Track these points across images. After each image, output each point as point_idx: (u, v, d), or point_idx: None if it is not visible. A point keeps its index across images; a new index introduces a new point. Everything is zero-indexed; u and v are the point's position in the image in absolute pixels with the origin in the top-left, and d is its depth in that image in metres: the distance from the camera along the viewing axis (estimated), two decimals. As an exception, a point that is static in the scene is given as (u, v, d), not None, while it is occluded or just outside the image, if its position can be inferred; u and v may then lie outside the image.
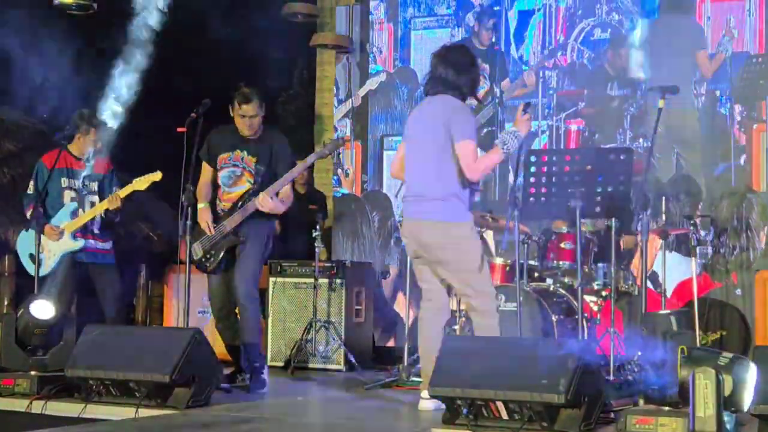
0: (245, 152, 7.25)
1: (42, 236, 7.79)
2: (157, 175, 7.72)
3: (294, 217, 8.74)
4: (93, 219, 7.91)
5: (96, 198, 7.93)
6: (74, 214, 7.88)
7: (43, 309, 6.99)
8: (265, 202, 7.14)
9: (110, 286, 7.99)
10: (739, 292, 7.78)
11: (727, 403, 5.05)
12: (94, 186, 7.96)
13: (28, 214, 7.79)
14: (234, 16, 9.80)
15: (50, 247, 7.85)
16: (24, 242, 7.96)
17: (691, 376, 5.00)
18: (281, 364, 8.82)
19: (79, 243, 7.86)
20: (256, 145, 7.26)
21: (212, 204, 7.32)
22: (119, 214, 7.93)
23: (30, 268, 7.81)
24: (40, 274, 7.85)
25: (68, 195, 7.91)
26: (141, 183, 7.79)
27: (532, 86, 10.03)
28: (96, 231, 7.94)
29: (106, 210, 7.84)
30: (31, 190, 7.91)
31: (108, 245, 8.02)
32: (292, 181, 7.29)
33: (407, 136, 6.48)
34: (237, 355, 7.35)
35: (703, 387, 4.99)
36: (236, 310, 7.36)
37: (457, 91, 6.28)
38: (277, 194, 7.22)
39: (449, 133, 6.14)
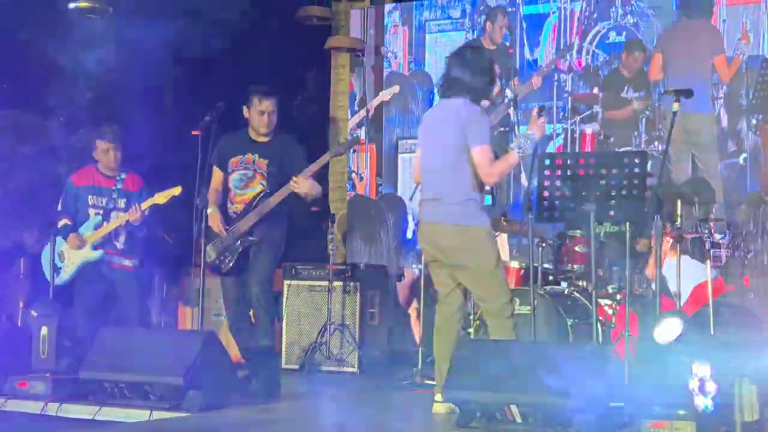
0: (256, 155, 7.27)
1: (65, 248, 7.86)
2: (176, 190, 7.77)
3: (299, 221, 8.75)
4: (118, 235, 7.95)
5: (122, 213, 7.96)
6: (97, 226, 7.94)
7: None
8: (303, 183, 7.12)
9: (130, 303, 8.04)
10: (752, 295, 7.75)
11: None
12: (122, 202, 8.00)
13: (60, 224, 7.87)
14: (249, 20, 9.81)
15: (70, 257, 7.91)
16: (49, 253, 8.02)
17: (737, 382, 4.95)
18: (296, 366, 8.82)
19: (97, 254, 7.91)
20: (268, 148, 7.28)
21: (223, 208, 7.34)
22: (144, 229, 7.98)
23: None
24: (60, 283, 7.90)
25: (93, 212, 7.97)
26: (161, 197, 7.85)
27: (537, 87, 10.01)
28: (120, 247, 7.98)
29: (130, 225, 7.88)
30: (60, 207, 7.99)
31: (132, 262, 8.05)
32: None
33: (423, 139, 6.47)
34: (250, 357, 7.35)
35: (749, 392, 4.94)
36: (250, 313, 7.37)
37: (473, 93, 6.26)
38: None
39: (465, 137, 6.13)
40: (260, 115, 7.24)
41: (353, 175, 10.70)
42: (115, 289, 8.01)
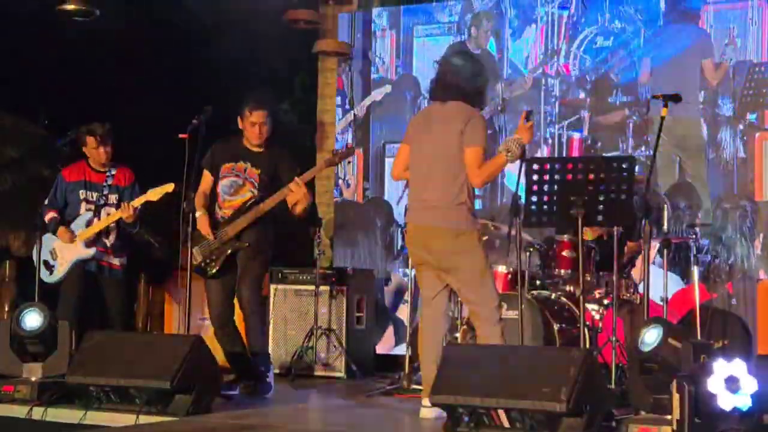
0: (248, 164, 7.28)
1: (57, 245, 7.83)
2: (170, 187, 7.73)
3: (286, 225, 8.73)
4: (108, 233, 7.93)
5: (113, 210, 7.93)
6: (89, 223, 7.91)
7: (31, 319, 6.94)
8: (299, 188, 7.11)
9: (116, 301, 8.02)
10: (734, 301, 7.76)
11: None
12: (114, 198, 7.97)
13: (47, 219, 7.85)
14: (236, 24, 9.80)
15: (63, 254, 7.88)
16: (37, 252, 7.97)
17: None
18: (282, 371, 8.80)
19: (90, 251, 7.88)
20: (260, 158, 7.29)
21: (210, 212, 7.33)
22: (136, 226, 7.94)
23: (43, 275, 7.83)
24: (53, 281, 7.88)
25: (85, 207, 7.95)
26: (154, 194, 7.82)
27: (527, 89, 9.99)
28: (110, 245, 7.95)
29: (123, 221, 7.85)
30: (47, 201, 7.97)
31: (120, 261, 8.02)
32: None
33: (413, 140, 6.44)
34: (236, 362, 7.34)
35: None
36: (234, 317, 7.36)
37: (468, 97, 6.27)
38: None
39: (462, 139, 6.13)
40: (252, 126, 7.27)
41: (340, 181, 10.69)
42: (101, 288, 7.97)
